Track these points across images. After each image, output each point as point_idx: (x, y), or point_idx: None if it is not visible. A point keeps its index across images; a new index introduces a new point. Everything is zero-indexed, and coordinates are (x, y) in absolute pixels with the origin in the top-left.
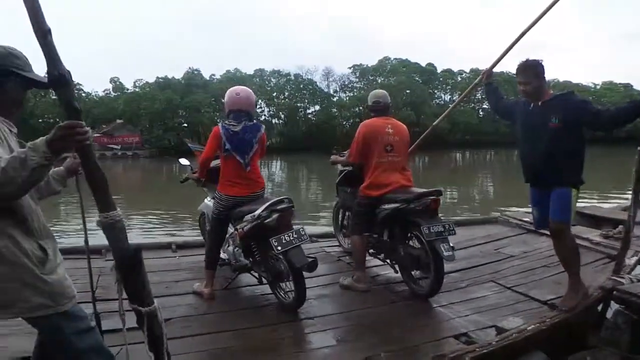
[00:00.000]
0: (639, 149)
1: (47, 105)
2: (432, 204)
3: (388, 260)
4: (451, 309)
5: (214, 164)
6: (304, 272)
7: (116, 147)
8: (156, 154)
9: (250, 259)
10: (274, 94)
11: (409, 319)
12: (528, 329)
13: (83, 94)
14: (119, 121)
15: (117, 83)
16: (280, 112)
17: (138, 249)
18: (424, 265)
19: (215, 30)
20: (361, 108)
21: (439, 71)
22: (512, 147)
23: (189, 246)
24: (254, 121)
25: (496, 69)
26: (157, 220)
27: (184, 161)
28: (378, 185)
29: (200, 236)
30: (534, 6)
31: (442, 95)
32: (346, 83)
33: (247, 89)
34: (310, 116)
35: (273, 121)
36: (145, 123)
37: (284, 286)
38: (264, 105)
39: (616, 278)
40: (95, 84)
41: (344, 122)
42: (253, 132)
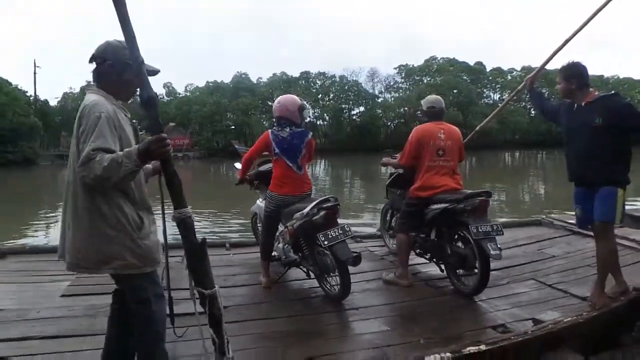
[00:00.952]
0: None
1: None
2: (481, 205)
3: (434, 259)
4: (490, 304)
5: (266, 168)
6: (349, 266)
7: None
8: (205, 156)
9: (299, 255)
10: (319, 96)
11: (449, 312)
12: (565, 321)
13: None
14: (172, 124)
15: (170, 88)
16: (325, 114)
17: (203, 242)
18: (470, 264)
19: (263, 34)
20: (406, 109)
21: (488, 70)
22: (564, 148)
23: (242, 245)
24: (302, 128)
25: (549, 66)
26: (207, 220)
27: (239, 165)
28: (428, 187)
29: (252, 236)
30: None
31: (491, 94)
32: (391, 84)
33: (292, 99)
34: (354, 117)
35: (318, 123)
36: (195, 126)
37: (330, 280)
38: (309, 107)
39: None
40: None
41: (389, 123)
42: (301, 138)
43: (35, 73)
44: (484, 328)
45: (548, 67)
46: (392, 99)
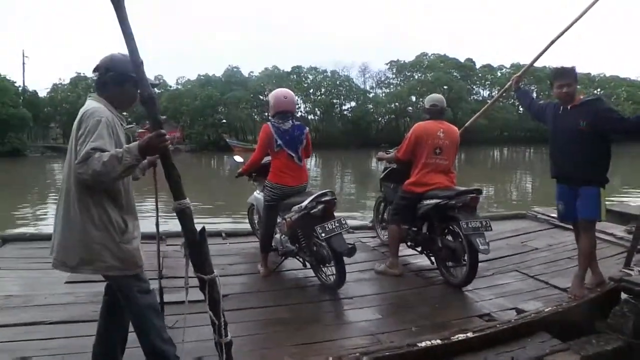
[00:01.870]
0: None
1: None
2: (472, 202)
3: (425, 251)
4: (476, 293)
5: (264, 161)
6: (344, 257)
7: None
8: (196, 149)
9: (296, 245)
10: (311, 91)
11: (438, 301)
12: (545, 311)
13: None
14: (163, 117)
15: (161, 81)
16: (316, 109)
17: (203, 229)
18: (459, 256)
19: (254, 28)
20: (397, 104)
21: (478, 67)
22: None
23: (238, 234)
24: (299, 122)
25: (538, 64)
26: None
27: (239, 158)
28: (422, 183)
29: (247, 225)
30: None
31: (481, 91)
32: (382, 79)
33: (291, 92)
34: (346, 112)
35: (309, 117)
36: (186, 119)
37: (326, 270)
38: (301, 101)
39: (626, 270)
40: None
41: (380, 119)
42: (300, 130)
43: (23, 63)
44: (471, 317)
45: (536, 65)
46: (384, 95)
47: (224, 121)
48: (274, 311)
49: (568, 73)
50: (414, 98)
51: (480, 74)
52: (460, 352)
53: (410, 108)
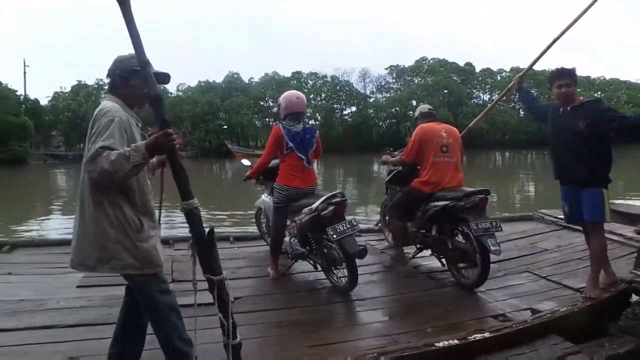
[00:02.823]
0: None
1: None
2: (481, 202)
3: (435, 253)
4: (489, 294)
5: (271, 164)
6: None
7: None
8: (197, 155)
9: (306, 248)
10: (311, 96)
11: (451, 302)
12: (561, 310)
13: None
14: None
15: (162, 87)
16: (317, 114)
17: (211, 230)
18: (471, 258)
19: (254, 34)
20: (397, 109)
21: (478, 70)
22: None
23: (246, 238)
24: (309, 125)
25: (537, 67)
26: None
27: (246, 162)
28: (432, 182)
29: (255, 230)
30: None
31: (481, 94)
32: (382, 84)
33: (294, 91)
34: (346, 117)
35: (310, 122)
36: (187, 125)
37: (337, 272)
38: None
39: (636, 271)
40: None
41: (380, 123)
42: (311, 133)
43: (25, 72)
44: (485, 317)
45: (535, 68)
46: (384, 99)
47: (225, 127)
48: (287, 313)
49: (567, 73)
50: (414, 102)
51: (480, 78)
52: (477, 353)
53: (411, 112)
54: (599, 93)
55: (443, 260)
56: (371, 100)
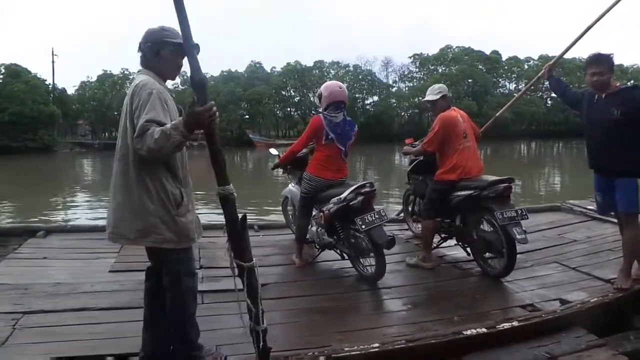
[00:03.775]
0: None
1: (122, 98)
2: (505, 191)
3: (460, 243)
4: (516, 284)
5: (300, 154)
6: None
7: None
8: (220, 145)
9: (334, 237)
10: None
11: (477, 291)
12: (591, 301)
13: None
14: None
15: (185, 77)
16: None
17: (244, 217)
18: (497, 248)
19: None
20: (420, 98)
21: (504, 59)
22: (581, 138)
23: (270, 227)
24: (349, 118)
25: (568, 55)
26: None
27: (274, 151)
28: (458, 167)
29: (280, 218)
30: None
31: (507, 84)
32: (405, 73)
33: (334, 82)
34: (368, 107)
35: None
36: None
37: (364, 261)
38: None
39: None
40: None
41: (403, 113)
42: (351, 126)
43: (53, 62)
44: (513, 307)
45: (566, 56)
46: (407, 89)
47: (247, 117)
48: (314, 300)
49: (602, 61)
50: None
51: (506, 67)
52: (505, 342)
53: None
54: (632, 82)
55: (468, 249)
56: (394, 89)
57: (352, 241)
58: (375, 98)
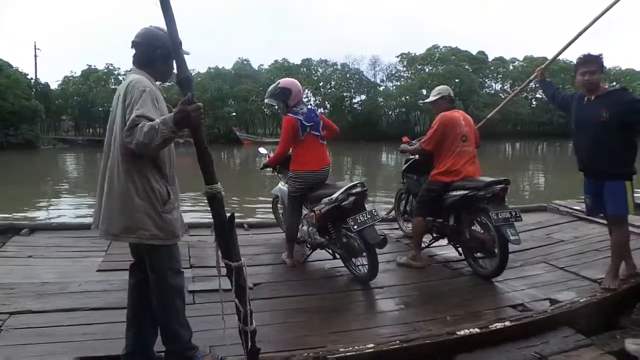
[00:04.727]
0: None
1: (107, 93)
2: (501, 192)
3: (452, 242)
4: (507, 284)
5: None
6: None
7: None
8: (207, 142)
9: (325, 237)
10: (321, 84)
11: (468, 291)
12: (581, 301)
13: None
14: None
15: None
16: (326, 102)
17: (232, 216)
18: (489, 248)
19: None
20: (408, 97)
21: (490, 59)
22: (566, 139)
23: (261, 225)
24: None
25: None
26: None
27: (263, 150)
28: (452, 171)
29: (270, 216)
30: None
31: (493, 84)
32: (393, 72)
33: (293, 80)
34: (355, 106)
35: (319, 111)
36: None
37: (356, 261)
38: (311, 94)
39: None
40: None
41: (390, 112)
42: (314, 112)
43: (35, 56)
44: (504, 307)
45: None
46: (394, 88)
47: (234, 114)
48: (306, 300)
49: (593, 60)
50: (425, 91)
51: (492, 67)
52: (497, 342)
53: (421, 101)
54: (614, 83)
55: (459, 249)
56: (381, 88)
57: (344, 241)
58: (362, 97)
